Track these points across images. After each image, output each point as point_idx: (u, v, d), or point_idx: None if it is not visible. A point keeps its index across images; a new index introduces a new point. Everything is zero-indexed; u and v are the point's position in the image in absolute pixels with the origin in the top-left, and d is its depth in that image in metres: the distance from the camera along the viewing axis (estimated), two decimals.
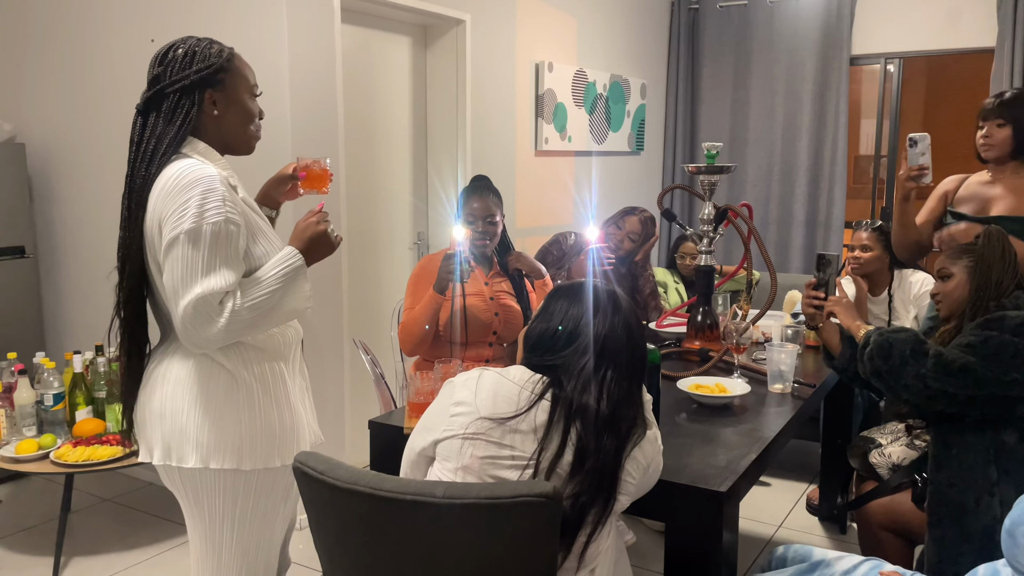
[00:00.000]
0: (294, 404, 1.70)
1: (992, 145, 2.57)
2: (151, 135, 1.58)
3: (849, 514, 3.08)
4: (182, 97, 1.59)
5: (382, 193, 3.72)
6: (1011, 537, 1.47)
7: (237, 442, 1.59)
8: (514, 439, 1.39)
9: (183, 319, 1.49)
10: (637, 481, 1.46)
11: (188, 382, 1.59)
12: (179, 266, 1.49)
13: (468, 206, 2.68)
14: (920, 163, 2.56)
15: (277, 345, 1.68)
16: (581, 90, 4.59)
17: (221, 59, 1.63)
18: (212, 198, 1.51)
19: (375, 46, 3.61)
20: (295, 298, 1.62)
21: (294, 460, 1.39)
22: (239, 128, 1.68)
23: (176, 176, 1.52)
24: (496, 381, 1.45)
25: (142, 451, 1.67)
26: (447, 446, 1.42)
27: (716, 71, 5.47)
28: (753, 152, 5.40)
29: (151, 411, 1.62)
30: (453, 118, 3.85)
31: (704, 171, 2.66)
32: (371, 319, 3.65)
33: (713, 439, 1.93)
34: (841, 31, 5.01)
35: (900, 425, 2.39)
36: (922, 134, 2.58)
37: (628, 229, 3.31)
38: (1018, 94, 2.59)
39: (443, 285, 2.54)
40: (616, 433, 1.40)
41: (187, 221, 1.48)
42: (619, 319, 1.48)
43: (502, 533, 1.25)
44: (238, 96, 1.66)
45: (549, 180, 4.49)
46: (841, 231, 5.18)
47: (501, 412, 1.40)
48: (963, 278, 2.09)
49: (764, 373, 2.38)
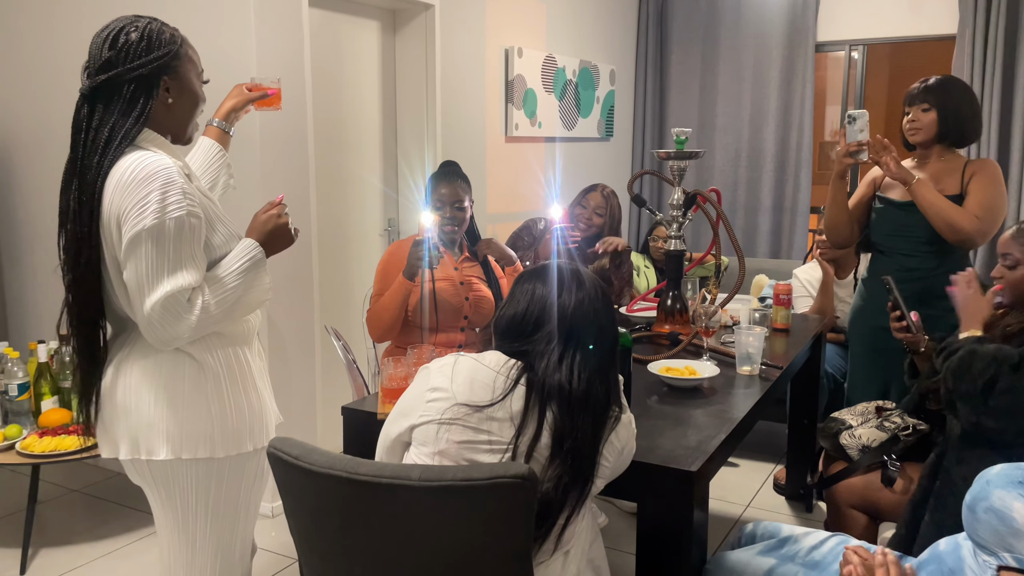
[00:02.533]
0: (259, 387, 1.69)
1: (918, 129, 2.64)
2: (101, 124, 1.51)
3: (815, 493, 3.15)
4: (139, 86, 1.52)
5: (352, 180, 3.69)
6: (972, 512, 1.52)
7: (208, 430, 1.57)
8: (491, 425, 1.40)
9: (150, 317, 1.46)
10: (612, 464, 1.49)
11: (153, 374, 1.56)
12: (143, 264, 1.45)
13: (436, 192, 2.68)
14: (858, 139, 2.61)
15: (243, 331, 1.67)
16: (551, 76, 4.59)
17: (175, 45, 1.58)
18: (172, 191, 1.46)
19: (343, 31, 3.58)
20: (256, 291, 1.61)
21: (268, 446, 1.39)
22: (188, 115, 1.64)
23: (132, 169, 1.47)
24: (472, 367, 1.46)
25: (106, 448, 1.63)
26: (423, 431, 1.42)
27: (684, 57, 5.50)
28: (721, 138, 5.44)
29: (115, 405, 1.59)
30: (423, 104, 3.83)
31: (673, 156, 2.69)
32: (342, 306, 3.64)
33: (684, 421, 1.96)
34: (807, 18, 5.06)
35: (870, 406, 2.44)
36: (861, 111, 2.63)
37: (593, 205, 3.33)
38: (943, 80, 2.66)
39: (412, 271, 2.54)
40: (591, 412, 1.42)
41: (149, 217, 1.44)
42: (584, 295, 1.49)
43: (478, 515, 1.27)
44: (190, 82, 1.62)
45: (519, 166, 4.49)
46: (807, 216, 5.25)
47: (478, 398, 1.41)
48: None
49: (732, 356, 2.42)
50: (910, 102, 2.68)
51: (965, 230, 2.51)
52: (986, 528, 1.47)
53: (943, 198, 2.55)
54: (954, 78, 2.72)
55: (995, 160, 3.44)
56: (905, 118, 2.69)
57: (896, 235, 2.72)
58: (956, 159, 2.66)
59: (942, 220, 2.54)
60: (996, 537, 1.45)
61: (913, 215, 2.62)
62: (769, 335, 2.78)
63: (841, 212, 2.80)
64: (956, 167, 2.63)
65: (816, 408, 3.17)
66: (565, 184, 4.81)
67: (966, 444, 1.90)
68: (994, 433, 1.82)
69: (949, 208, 2.53)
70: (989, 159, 2.69)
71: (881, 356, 2.76)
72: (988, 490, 1.50)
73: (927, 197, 2.55)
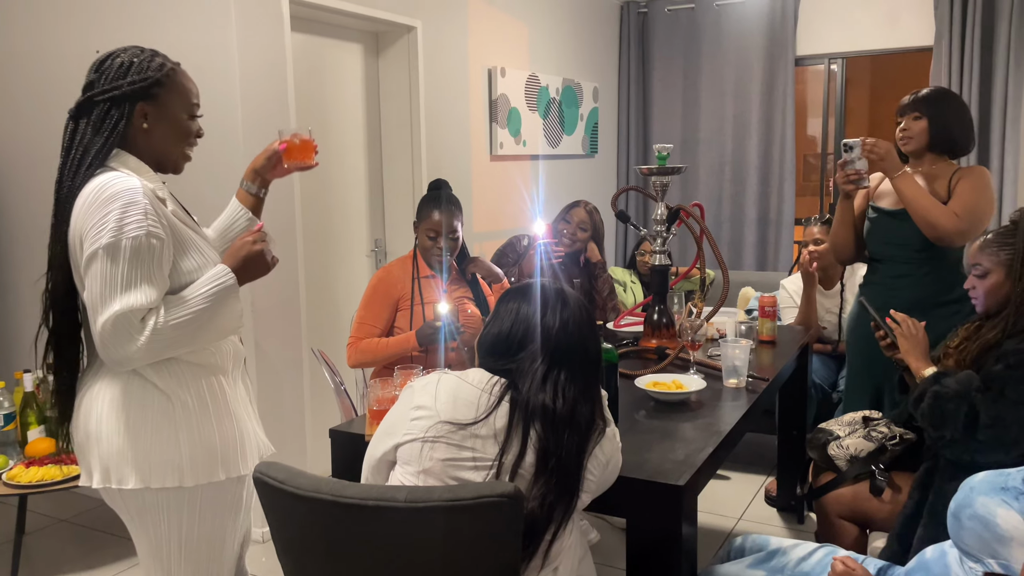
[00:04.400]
0: (237, 415, 1.67)
1: (910, 138, 2.68)
2: (79, 143, 1.55)
3: (806, 504, 3.16)
4: (112, 107, 1.56)
5: (338, 200, 3.70)
6: (956, 519, 1.52)
7: (176, 460, 1.56)
8: (475, 443, 1.40)
9: (101, 336, 1.46)
10: (597, 478, 1.49)
11: (121, 402, 1.55)
12: (97, 282, 1.46)
13: (429, 219, 2.66)
14: (857, 168, 2.66)
15: (213, 360, 1.65)
16: (534, 94, 4.63)
17: (160, 73, 1.59)
18: (133, 211, 1.47)
19: (326, 54, 3.60)
20: (224, 318, 1.58)
21: (255, 471, 1.39)
22: (169, 145, 1.64)
23: (97, 190, 1.49)
24: (455, 385, 1.46)
25: (83, 475, 1.63)
26: (408, 450, 1.43)
27: (666, 73, 5.56)
28: (704, 152, 5.49)
29: (88, 433, 1.58)
30: (407, 124, 3.85)
31: (656, 172, 2.71)
32: (329, 328, 3.63)
33: (671, 434, 1.97)
34: (786, 32, 5.13)
35: (857, 416, 2.45)
36: (856, 140, 2.66)
37: (577, 221, 3.35)
38: (933, 90, 2.70)
39: (426, 344, 2.57)
40: (576, 430, 1.42)
41: (105, 236, 1.45)
42: (568, 315, 1.50)
43: (466, 534, 1.27)
44: (172, 112, 1.63)
45: (505, 184, 4.51)
46: (791, 228, 5.29)
47: (461, 416, 1.41)
48: (1001, 276, 2.00)
49: (719, 369, 2.43)
50: (902, 112, 2.71)
51: (943, 227, 2.53)
52: (971, 535, 1.48)
53: (925, 194, 2.57)
54: (946, 89, 2.76)
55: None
56: (897, 128, 2.72)
57: (889, 243, 2.75)
58: (947, 167, 2.68)
59: (921, 216, 2.56)
60: (981, 544, 1.46)
61: (905, 223, 2.64)
62: (755, 347, 2.79)
63: (848, 231, 2.84)
64: (945, 174, 2.65)
65: (804, 419, 3.18)
66: (551, 201, 4.84)
67: (960, 466, 1.90)
68: (990, 467, 1.82)
69: (929, 204, 2.55)
70: (980, 167, 2.71)
71: (876, 364, 2.78)
72: (972, 497, 1.51)
73: (908, 191, 2.57)
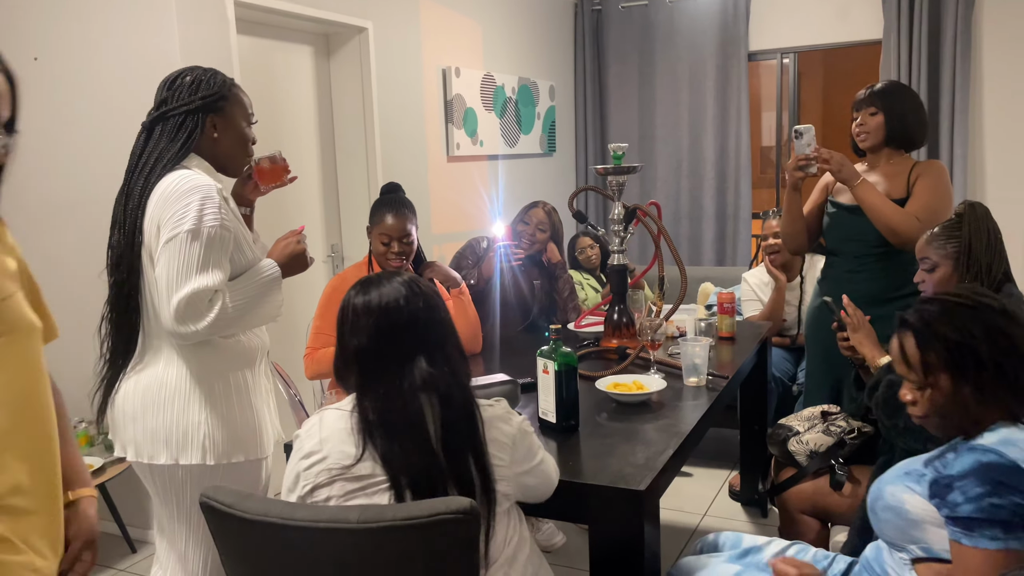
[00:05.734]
0: (256, 406, 1.83)
1: (867, 133, 2.69)
2: (153, 149, 1.74)
3: (769, 499, 3.17)
4: (186, 119, 1.76)
5: (291, 206, 3.63)
6: (874, 513, 1.54)
7: (201, 440, 1.72)
8: (361, 469, 1.38)
9: (175, 311, 1.62)
10: (509, 461, 1.44)
11: (157, 387, 1.73)
12: (176, 261, 1.63)
13: (382, 224, 2.59)
14: (806, 153, 2.66)
15: (244, 351, 1.82)
16: (490, 94, 4.60)
17: (224, 88, 1.81)
18: (209, 204, 1.66)
19: (275, 57, 3.53)
20: (269, 305, 1.80)
21: (200, 496, 1.34)
22: (235, 150, 1.86)
23: (176, 183, 1.67)
24: (335, 418, 1.43)
25: (118, 448, 1.81)
26: (311, 498, 1.40)
27: (622, 71, 5.56)
28: (662, 149, 5.51)
29: (125, 412, 1.76)
30: (361, 127, 3.79)
31: (611, 172, 2.69)
32: (284, 338, 3.56)
33: (633, 436, 1.95)
34: (738, 28, 5.16)
35: (816, 411, 2.46)
36: (807, 126, 2.67)
37: (536, 221, 3.31)
38: (889, 85, 2.72)
39: None
40: (457, 429, 1.39)
41: (188, 222, 1.63)
42: (373, 301, 1.44)
43: (421, 552, 1.23)
44: (236, 122, 1.84)
45: (463, 185, 4.48)
46: (749, 222, 5.34)
47: (347, 453, 1.38)
48: (948, 269, 2.02)
49: (680, 367, 2.42)
50: (857, 107, 2.72)
51: (905, 234, 2.54)
52: (888, 526, 1.49)
53: (886, 201, 2.59)
54: (900, 83, 2.78)
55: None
56: (854, 123, 2.73)
57: (847, 239, 2.76)
58: (904, 162, 2.70)
59: (883, 223, 2.58)
60: (898, 532, 1.47)
61: (862, 218, 2.65)
62: (715, 344, 2.80)
63: (796, 222, 2.84)
64: (903, 170, 2.67)
65: (765, 413, 3.19)
66: (510, 201, 4.81)
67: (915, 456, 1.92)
68: None
69: (890, 211, 2.57)
70: (936, 161, 2.73)
71: (835, 358, 2.79)
72: (881, 488, 1.52)
73: (868, 200, 2.59)
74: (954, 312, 1.47)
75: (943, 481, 1.38)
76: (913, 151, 2.75)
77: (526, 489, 1.52)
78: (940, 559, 1.42)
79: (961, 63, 4.59)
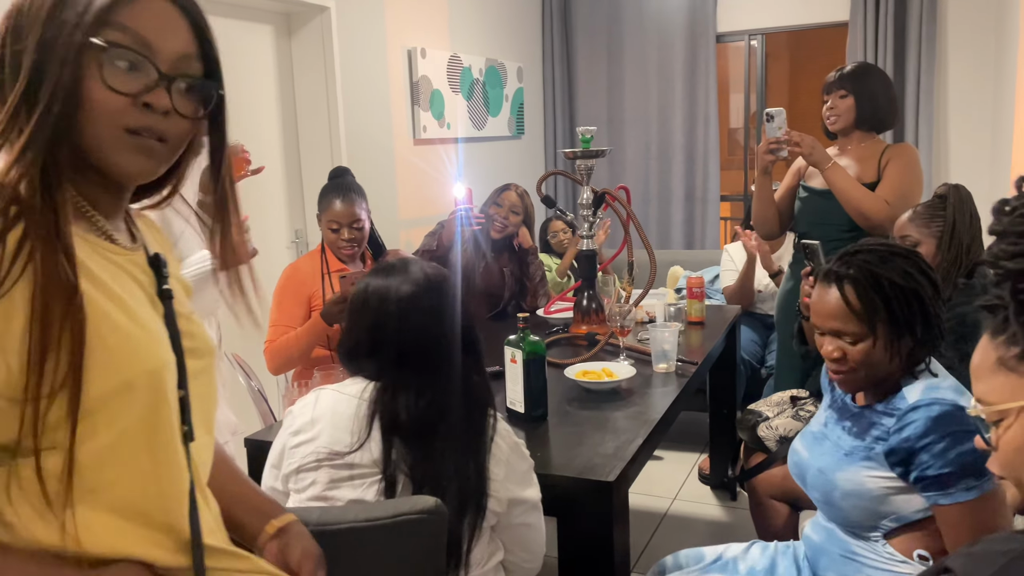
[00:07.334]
0: None
1: (838, 116, 2.68)
2: None
3: (739, 484, 3.18)
4: None
5: (253, 191, 3.54)
6: (831, 506, 1.55)
7: None
8: (358, 460, 1.34)
9: None
10: (502, 478, 1.42)
11: None
12: None
13: (330, 210, 2.52)
14: (777, 136, 2.64)
15: None
16: (457, 76, 4.52)
17: None
18: None
19: (233, 36, 3.42)
20: (204, 300, 1.73)
21: None
22: None
23: None
24: (333, 400, 1.38)
25: None
26: (295, 479, 1.36)
27: (590, 53, 5.51)
28: (631, 132, 5.47)
29: None
30: (324, 109, 3.70)
31: (580, 156, 2.66)
32: (246, 328, 3.49)
33: (603, 425, 1.93)
34: (706, 10, 5.13)
35: (785, 396, 2.46)
36: (778, 109, 2.65)
37: (509, 204, 3.26)
38: (858, 66, 2.71)
39: (332, 320, 2.40)
40: (464, 436, 1.36)
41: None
42: (409, 305, 1.39)
43: (385, 555, 1.19)
44: None
45: (430, 168, 4.40)
46: (718, 204, 5.33)
47: (342, 434, 1.33)
48: (932, 247, 2.03)
49: (649, 353, 2.40)
50: (828, 90, 2.70)
51: (875, 216, 2.54)
52: (855, 511, 1.49)
53: (856, 185, 2.58)
54: (870, 65, 2.76)
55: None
56: (824, 106, 2.72)
57: (818, 223, 2.75)
58: (875, 144, 2.69)
59: (852, 207, 2.57)
60: (867, 514, 1.47)
61: (833, 202, 2.65)
62: (684, 329, 2.78)
63: (768, 207, 2.83)
64: (874, 153, 2.66)
65: (735, 397, 3.20)
66: (479, 184, 4.73)
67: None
68: None
69: (861, 195, 2.56)
70: (907, 144, 2.72)
71: None
72: (829, 478, 1.51)
73: (839, 183, 2.58)
74: (892, 259, 1.48)
75: (904, 447, 1.39)
76: (883, 132, 2.74)
77: (511, 530, 1.47)
78: (912, 522, 1.43)
79: (927, 45, 4.60)
